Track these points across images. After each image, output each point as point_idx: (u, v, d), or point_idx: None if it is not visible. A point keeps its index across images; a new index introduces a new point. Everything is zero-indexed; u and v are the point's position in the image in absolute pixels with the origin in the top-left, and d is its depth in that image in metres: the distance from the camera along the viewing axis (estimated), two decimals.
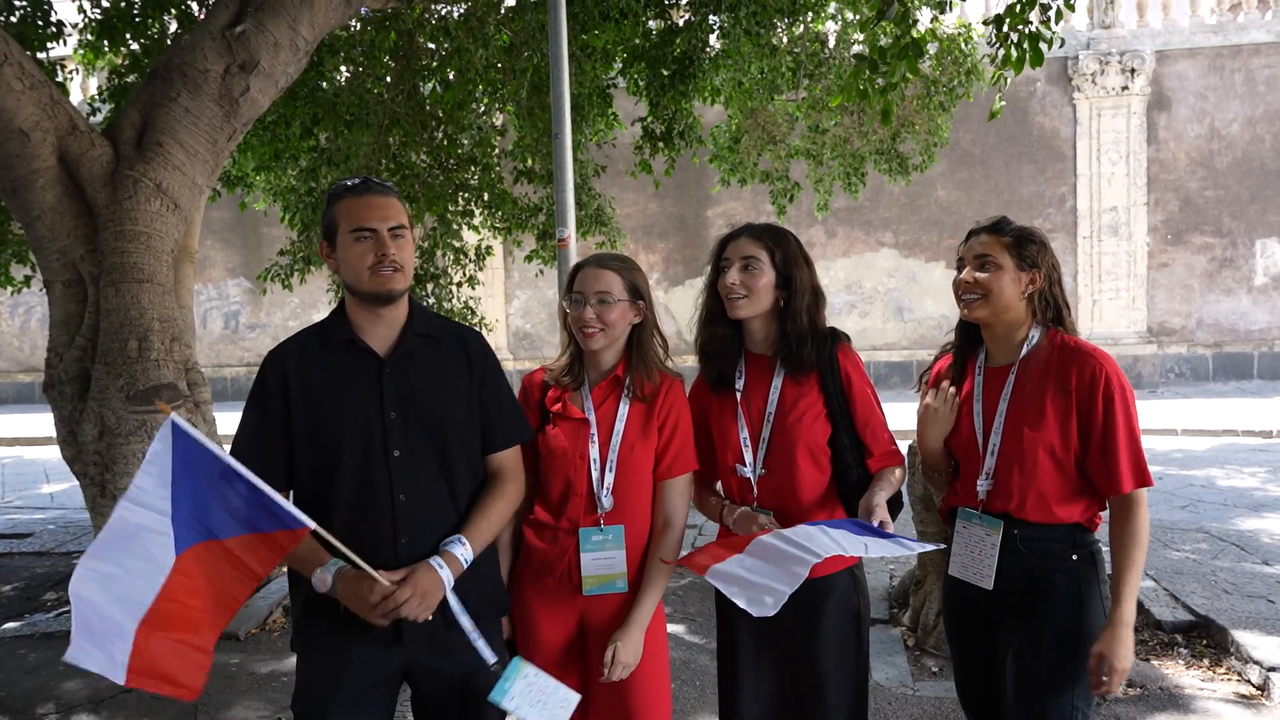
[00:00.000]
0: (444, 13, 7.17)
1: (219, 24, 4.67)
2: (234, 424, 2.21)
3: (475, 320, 8.61)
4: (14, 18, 6.25)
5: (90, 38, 6.75)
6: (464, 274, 8.56)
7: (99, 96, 7.08)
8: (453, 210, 8.16)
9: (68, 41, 6.59)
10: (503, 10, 7.21)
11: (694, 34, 7.10)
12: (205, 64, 4.60)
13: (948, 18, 8.59)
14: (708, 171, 10.72)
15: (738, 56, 7.12)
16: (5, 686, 4.17)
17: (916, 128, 8.98)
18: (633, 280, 2.27)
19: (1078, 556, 2.15)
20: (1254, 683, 3.82)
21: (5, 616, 5.16)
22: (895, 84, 5.23)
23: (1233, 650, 4.10)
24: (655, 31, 7.34)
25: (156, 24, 6.70)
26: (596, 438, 2.24)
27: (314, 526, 1.80)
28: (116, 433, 4.42)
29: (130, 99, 4.86)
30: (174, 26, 6.74)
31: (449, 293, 8.47)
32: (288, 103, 6.85)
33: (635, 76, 7.53)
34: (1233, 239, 15.82)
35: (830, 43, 8.36)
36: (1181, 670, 4.02)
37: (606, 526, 2.22)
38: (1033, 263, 2.19)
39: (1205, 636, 4.33)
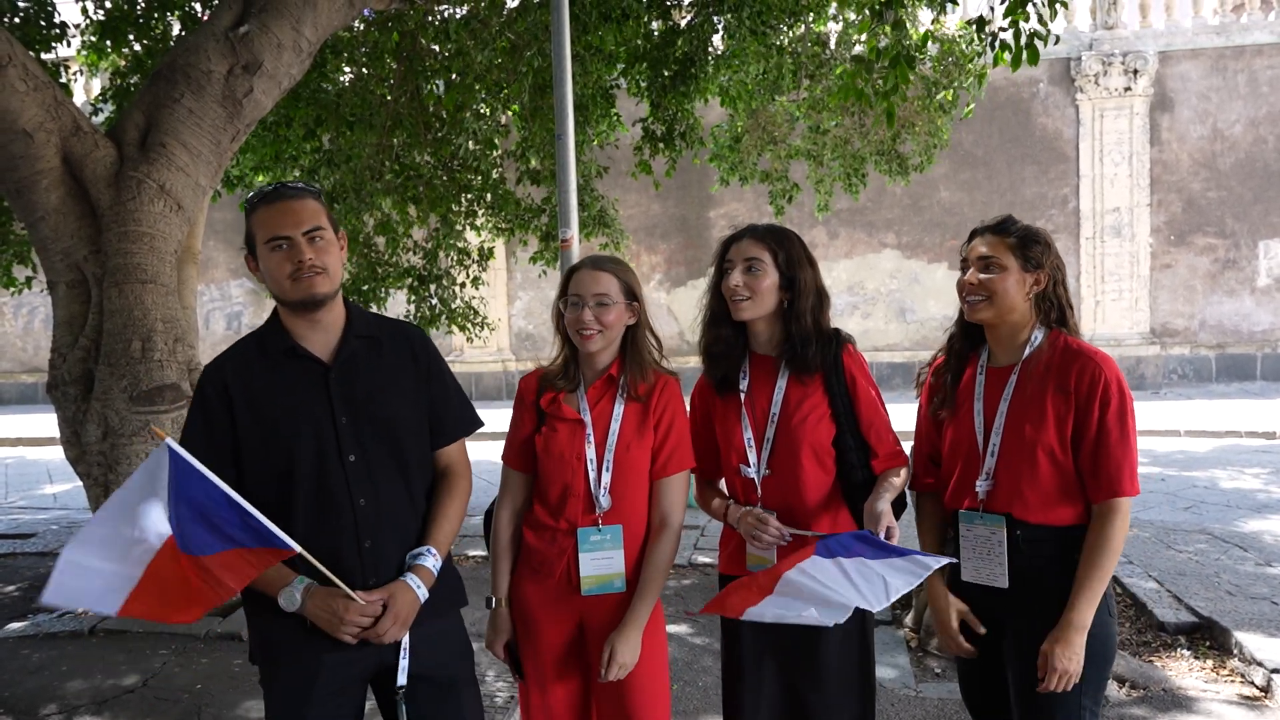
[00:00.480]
0: (446, 14, 7.18)
1: (222, 25, 4.67)
2: None
3: (479, 320, 8.62)
4: (18, 19, 6.26)
5: (93, 38, 6.76)
6: (468, 275, 8.57)
7: (102, 97, 7.09)
8: (455, 211, 8.17)
9: (71, 43, 6.60)
10: (505, 12, 7.21)
11: (696, 35, 7.11)
12: (209, 65, 4.60)
13: (949, 19, 8.59)
14: (710, 172, 10.71)
15: (742, 56, 7.12)
16: (9, 687, 4.18)
17: (917, 129, 8.98)
18: (628, 282, 2.29)
19: (1077, 557, 2.14)
20: (1257, 684, 3.82)
21: (9, 617, 5.17)
22: (893, 89, 5.25)
23: (1236, 651, 4.09)
24: (657, 32, 7.34)
25: (160, 25, 6.70)
26: (593, 438, 2.25)
27: (298, 549, 1.81)
28: (120, 433, 4.43)
29: (134, 100, 4.87)
30: (177, 27, 6.74)
31: (452, 293, 8.47)
32: (291, 103, 6.86)
33: (636, 77, 7.53)
34: (1236, 240, 15.80)
35: (831, 43, 8.36)
36: (1184, 671, 4.02)
37: (605, 526, 2.23)
38: (1037, 263, 2.18)
39: (1208, 638, 4.33)
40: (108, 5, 6.48)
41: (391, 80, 7.58)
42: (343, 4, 4.95)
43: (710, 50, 7.25)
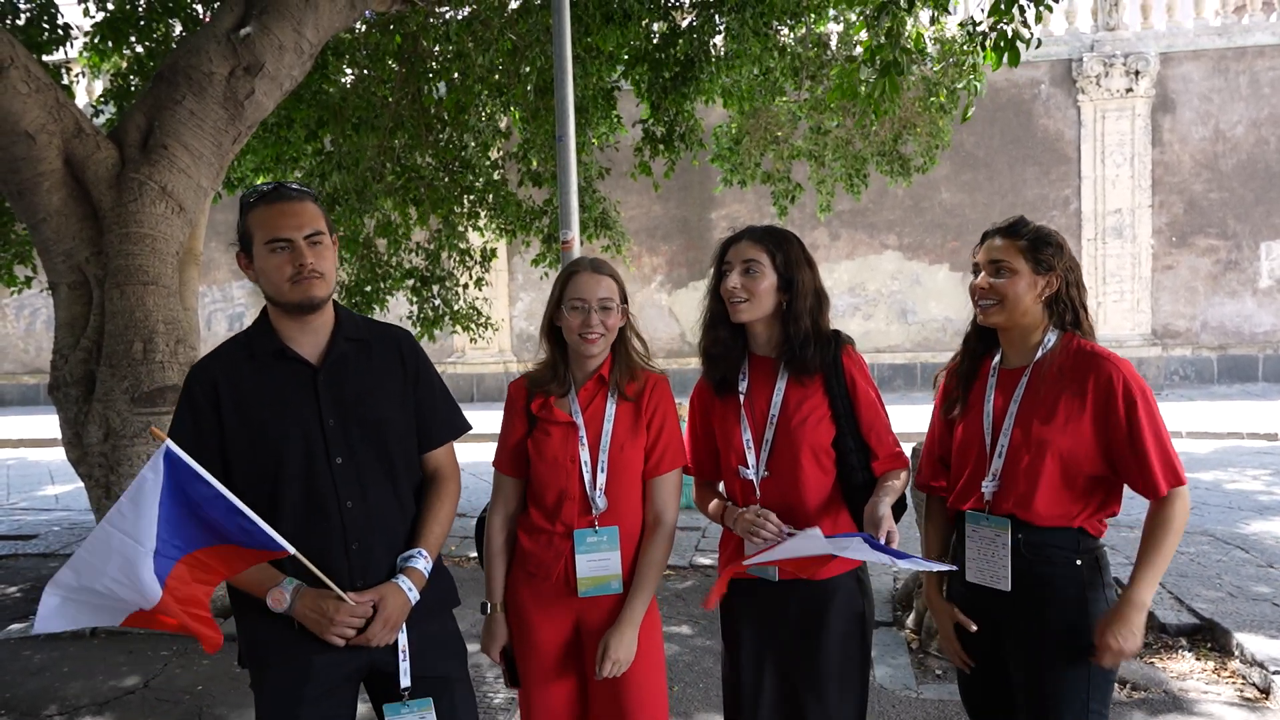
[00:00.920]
0: (447, 16, 7.18)
1: (224, 27, 4.68)
2: None
3: (482, 321, 8.62)
4: (20, 21, 6.28)
5: (95, 40, 6.78)
6: (471, 276, 8.57)
7: (103, 99, 7.10)
8: (458, 212, 8.17)
9: (73, 44, 6.61)
10: (506, 13, 7.21)
11: (697, 36, 7.11)
12: (210, 67, 4.61)
13: (950, 20, 8.58)
14: (711, 173, 10.72)
15: (743, 57, 7.12)
16: (10, 688, 4.18)
17: (918, 129, 8.98)
18: (622, 284, 2.33)
19: (1081, 561, 2.14)
20: (1258, 685, 3.82)
21: (10, 618, 5.17)
22: (881, 94, 5.32)
23: (1236, 653, 4.09)
24: (658, 34, 7.34)
25: (161, 27, 6.72)
26: (586, 440, 2.26)
27: (293, 551, 1.82)
28: (121, 434, 4.44)
29: (135, 102, 4.88)
30: (179, 29, 6.76)
31: (455, 294, 8.48)
32: (292, 105, 6.87)
33: (637, 79, 7.54)
34: (1237, 241, 15.79)
35: (832, 44, 8.36)
36: (1185, 673, 4.01)
37: (601, 528, 2.23)
38: (1049, 266, 2.16)
39: (1209, 639, 4.32)
40: (109, 7, 6.49)
41: (393, 82, 7.59)
42: (344, 6, 4.96)
43: (712, 51, 7.25)
